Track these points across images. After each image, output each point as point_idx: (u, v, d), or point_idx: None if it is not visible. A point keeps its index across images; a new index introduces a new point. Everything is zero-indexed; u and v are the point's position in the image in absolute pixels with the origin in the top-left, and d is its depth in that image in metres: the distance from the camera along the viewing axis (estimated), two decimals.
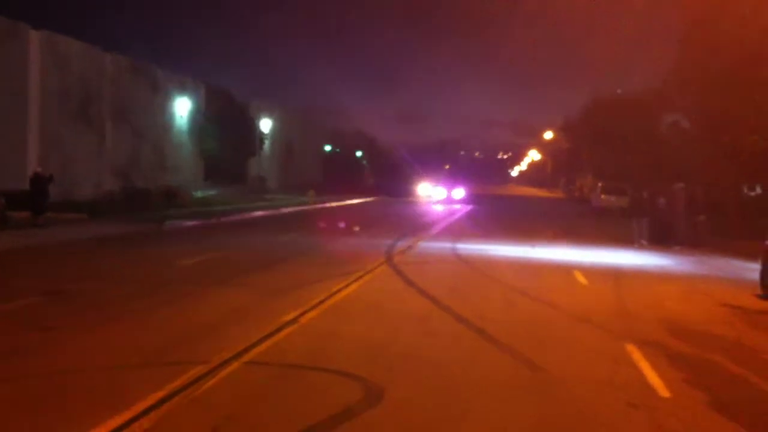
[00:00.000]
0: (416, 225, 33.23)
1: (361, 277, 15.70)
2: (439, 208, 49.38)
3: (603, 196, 52.39)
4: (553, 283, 16.35)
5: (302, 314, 11.28)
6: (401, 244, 23.30)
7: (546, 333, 10.88)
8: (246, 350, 8.89)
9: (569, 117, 78.56)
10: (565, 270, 18.64)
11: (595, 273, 18.17)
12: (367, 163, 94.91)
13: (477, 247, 23.36)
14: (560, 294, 14.57)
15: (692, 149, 41.43)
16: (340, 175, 79.42)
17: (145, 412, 6.57)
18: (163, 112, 50.20)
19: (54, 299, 12.18)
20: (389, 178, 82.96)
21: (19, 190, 29.99)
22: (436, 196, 61.55)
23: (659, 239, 26.71)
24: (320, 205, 48.35)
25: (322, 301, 12.48)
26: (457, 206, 52.25)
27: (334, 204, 51.46)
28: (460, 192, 61.01)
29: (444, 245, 23.76)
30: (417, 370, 8.46)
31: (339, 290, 13.76)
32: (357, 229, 29.56)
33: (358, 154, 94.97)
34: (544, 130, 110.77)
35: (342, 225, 31.03)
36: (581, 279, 17.04)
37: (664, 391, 7.97)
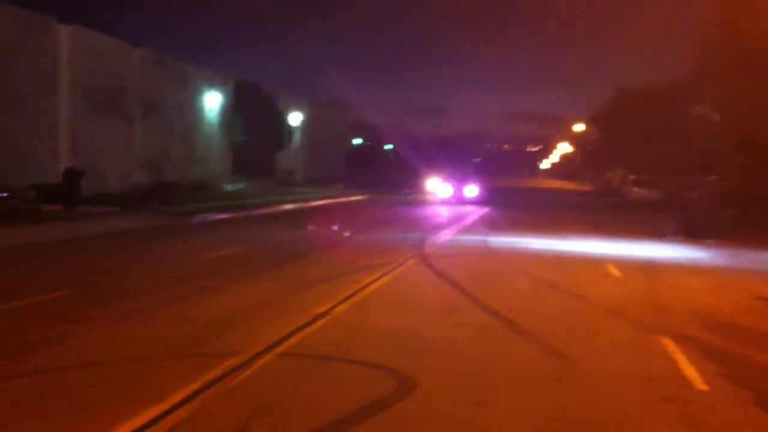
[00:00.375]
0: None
1: (392, 269, 15.70)
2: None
3: (634, 189, 51.96)
4: (584, 275, 16.22)
5: (334, 306, 11.30)
6: (432, 237, 23.26)
7: (577, 325, 10.79)
8: (279, 342, 8.92)
9: (597, 108, 77.87)
10: (597, 263, 18.49)
11: (627, 266, 18.00)
12: (394, 155, 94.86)
13: (508, 240, 23.26)
14: (592, 286, 14.45)
15: (722, 141, 40.95)
16: (366, 168, 79.45)
17: (181, 404, 6.61)
18: (192, 105, 50.50)
19: (83, 291, 12.31)
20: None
21: (50, 184, 30.36)
22: (442, 193, 48.32)
23: (691, 232, 26.44)
24: (346, 199, 48.39)
25: (353, 294, 12.49)
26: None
27: (360, 197, 51.48)
28: (472, 189, 47.41)
29: (475, 238, 23.69)
30: (447, 362, 8.43)
31: (370, 282, 13.77)
32: (386, 222, 29.52)
33: (388, 147, 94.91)
34: (573, 122, 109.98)
35: (371, 218, 31.00)
36: (614, 271, 16.89)
37: (700, 385, 7.87)
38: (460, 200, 45.79)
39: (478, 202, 45.32)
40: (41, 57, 35.65)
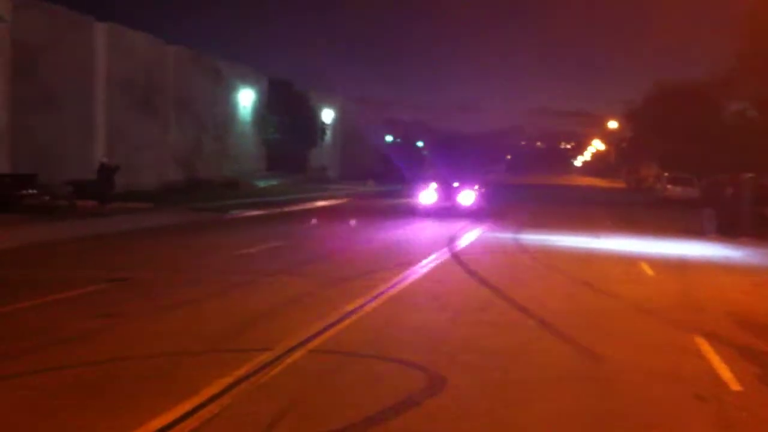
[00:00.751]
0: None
1: (422, 266, 15.69)
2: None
3: (668, 187, 51.42)
4: (617, 273, 16.09)
5: (365, 303, 11.32)
6: (462, 234, 23.19)
7: (609, 323, 10.74)
8: (310, 338, 8.96)
9: (632, 105, 77.24)
10: (629, 261, 18.34)
11: (660, 264, 17.83)
12: (428, 153, 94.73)
13: (539, 238, 23.12)
14: (624, 285, 14.35)
15: (759, 137, 40.38)
16: (399, 165, 79.31)
17: (213, 398, 6.66)
18: (226, 102, 50.85)
19: (117, 286, 12.43)
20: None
21: (85, 180, 30.73)
22: (424, 200, 31.66)
23: (726, 230, 26.10)
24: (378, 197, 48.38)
25: (383, 291, 12.50)
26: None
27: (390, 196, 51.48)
28: (468, 196, 31.44)
29: (505, 236, 23.58)
30: (478, 359, 8.42)
31: (400, 280, 13.77)
32: (417, 218, 29.47)
33: (419, 144, 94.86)
34: (607, 119, 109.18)
35: (402, 214, 30.95)
36: (647, 270, 16.75)
37: (734, 385, 7.77)
38: (448, 210, 30.44)
39: (476, 214, 29.96)
40: (78, 55, 36.07)
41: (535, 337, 9.71)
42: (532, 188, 63.21)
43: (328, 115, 64.54)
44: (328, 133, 66.22)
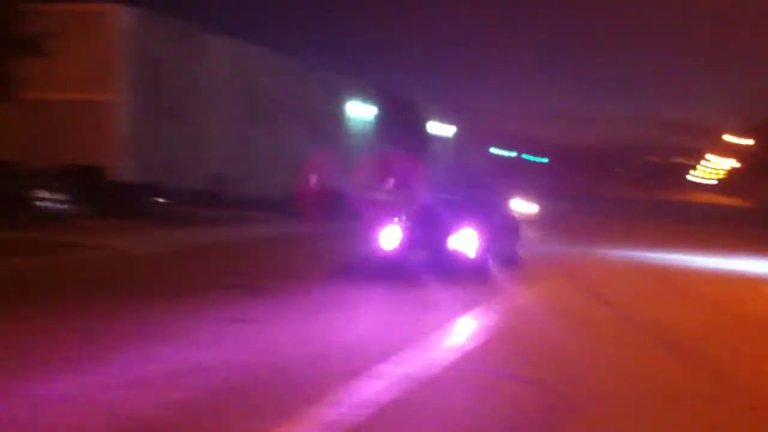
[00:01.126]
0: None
1: (539, 282, 15.51)
2: None
3: None
4: (745, 294, 15.51)
5: (487, 319, 11.26)
6: (577, 250, 22.81)
7: (736, 345, 10.38)
8: (438, 353, 8.92)
9: (757, 117, 74.24)
10: (759, 282, 17.63)
11: None
12: (548, 167, 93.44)
13: (655, 256, 22.52)
14: (753, 305, 13.82)
15: None
16: (510, 179, 78.71)
17: (350, 410, 6.64)
18: (339, 114, 51.62)
19: (246, 293, 12.58)
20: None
21: (201, 189, 31.75)
22: (384, 242, 15.59)
23: None
24: None
25: (502, 307, 12.42)
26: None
27: None
28: (468, 237, 15.24)
29: (620, 253, 23.06)
30: (607, 380, 8.25)
31: (520, 296, 13.66)
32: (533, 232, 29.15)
33: (540, 158, 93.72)
34: (725, 132, 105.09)
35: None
36: None
37: None
38: (429, 265, 15.34)
39: (483, 274, 15.46)
40: (195, 66, 37.23)
41: (663, 358, 9.46)
42: (648, 204, 61.49)
43: (438, 128, 64.70)
44: (439, 146, 66.39)
